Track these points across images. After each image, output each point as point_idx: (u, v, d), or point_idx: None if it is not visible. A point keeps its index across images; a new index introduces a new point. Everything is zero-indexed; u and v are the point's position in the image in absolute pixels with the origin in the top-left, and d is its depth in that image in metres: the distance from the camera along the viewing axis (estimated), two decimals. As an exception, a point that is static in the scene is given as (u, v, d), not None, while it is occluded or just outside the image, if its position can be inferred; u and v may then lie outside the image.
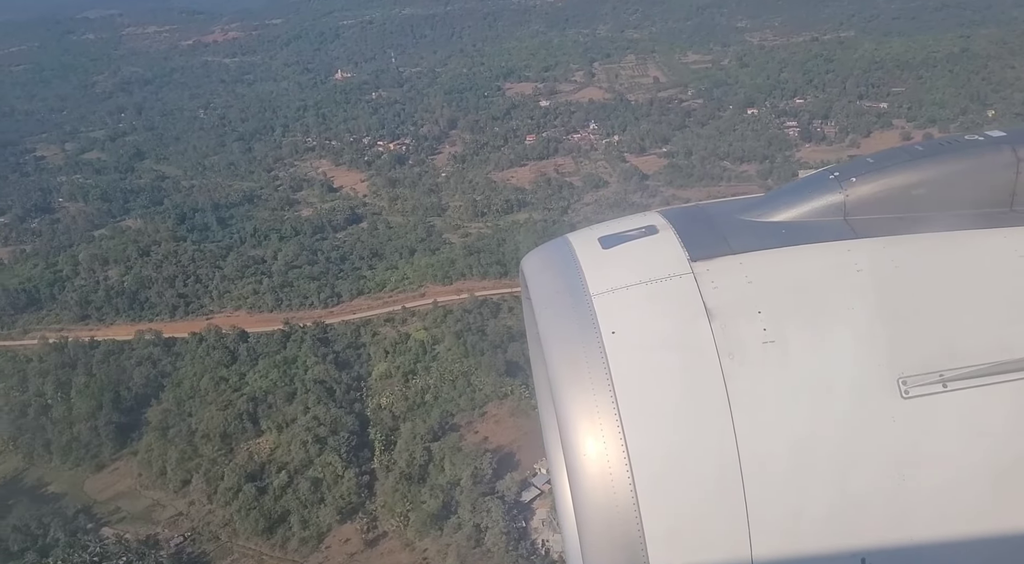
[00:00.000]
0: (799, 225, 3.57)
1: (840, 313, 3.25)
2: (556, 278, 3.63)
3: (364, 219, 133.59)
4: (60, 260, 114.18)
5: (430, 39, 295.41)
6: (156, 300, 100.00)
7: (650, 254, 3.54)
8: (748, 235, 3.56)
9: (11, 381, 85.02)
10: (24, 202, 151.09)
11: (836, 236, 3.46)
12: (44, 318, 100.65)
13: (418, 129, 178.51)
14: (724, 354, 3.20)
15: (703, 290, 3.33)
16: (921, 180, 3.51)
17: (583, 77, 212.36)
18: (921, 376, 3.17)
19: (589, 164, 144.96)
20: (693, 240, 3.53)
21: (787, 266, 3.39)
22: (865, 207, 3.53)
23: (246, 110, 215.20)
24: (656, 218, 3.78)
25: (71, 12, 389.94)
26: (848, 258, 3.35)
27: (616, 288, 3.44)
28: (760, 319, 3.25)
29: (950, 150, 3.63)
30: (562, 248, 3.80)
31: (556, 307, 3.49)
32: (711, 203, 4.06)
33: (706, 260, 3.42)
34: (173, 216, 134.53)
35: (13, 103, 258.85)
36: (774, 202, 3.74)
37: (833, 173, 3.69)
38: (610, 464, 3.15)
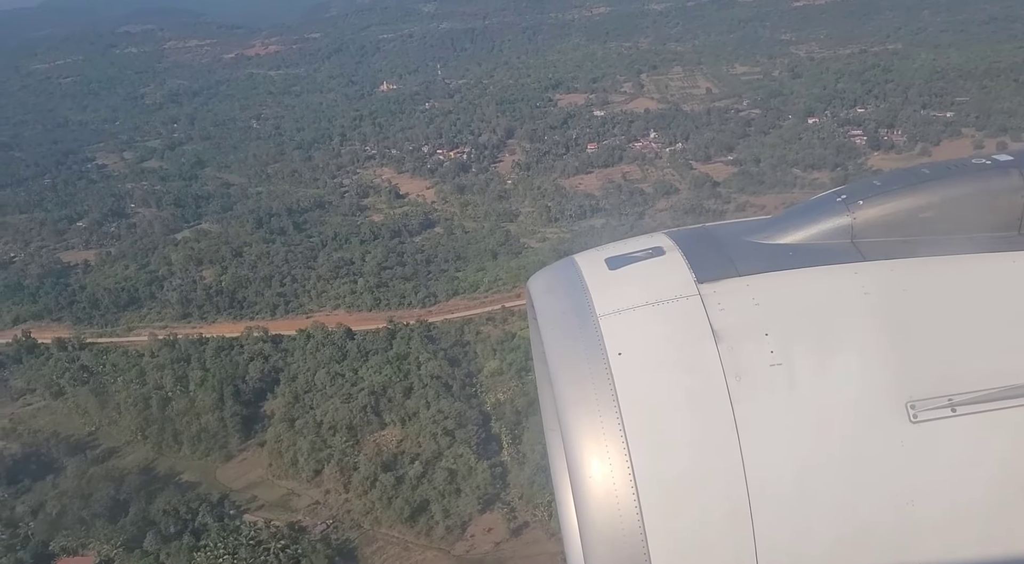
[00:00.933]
0: (806, 247, 3.60)
1: (848, 336, 3.26)
2: (562, 299, 3.64)
3: (437, 224, 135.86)
4: (152, 261, 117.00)
5: (470, 52, 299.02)
6: (255, 299, 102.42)
7: (657, 275, 3.55)
8: (755, 257, 3.58)
9: (129, 375, 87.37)
10: (99, 208, 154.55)
11: (843, 259, 3.48)
12: (146, 316, 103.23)
13: (476, 138, 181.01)
14: (731, 376, 3.22)
15: (710, 312, 3.35)
16: (929, 203, 3.54)
17: (632, 88, 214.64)
18: (930, 400, 3.17)
19: (655, 171, 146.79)
20: (700, 262, 3.56)
21: (794, 288, 3.41)
22: (872, 230, 3.56)
23: (301, 120, 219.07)
24: (663, 239, 3.80)
25: (108, 27, 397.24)
26: (855, 281, 3.37)
27: (623, 309, 3.44)
28: (767, 341, 3.26)
29: (957, 173, 3.65)
30: (569, 269, 3.81)
31: (562, 328, 3.51)
32: (718, 225, 4.11)
33: (713, 282, 3.45)
34: (251, 220, 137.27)
35: (67, 114, 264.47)
36: (781, 224, 3.77)
37: (840, 196, 3.71)
38: (616, 487, 3.14)
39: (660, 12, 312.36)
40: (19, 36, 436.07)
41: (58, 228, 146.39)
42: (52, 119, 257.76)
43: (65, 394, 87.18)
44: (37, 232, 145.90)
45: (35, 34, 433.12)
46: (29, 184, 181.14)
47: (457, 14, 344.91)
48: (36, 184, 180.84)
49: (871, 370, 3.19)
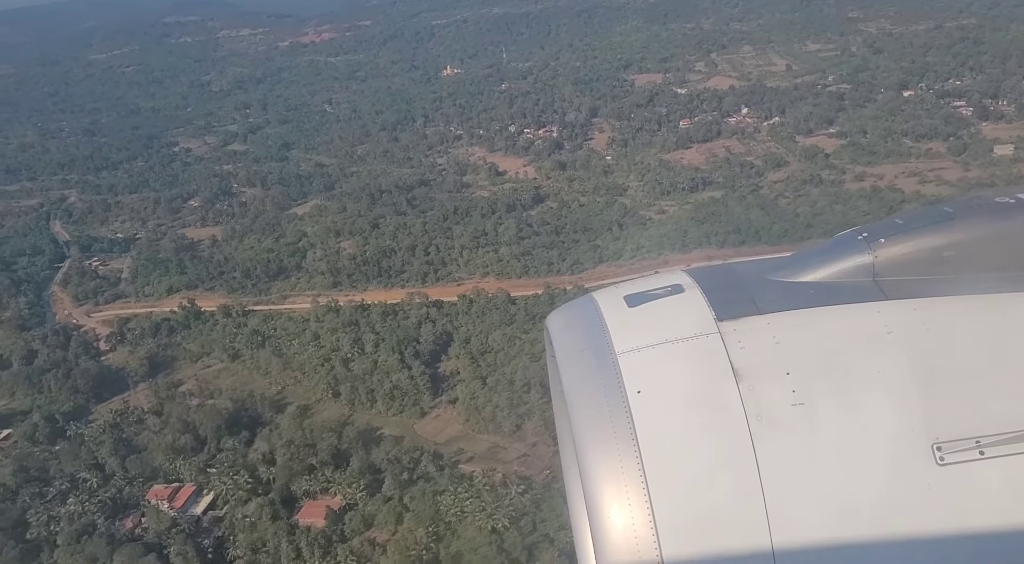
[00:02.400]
0: (827, 286, 3.56)
1: (871, 376, 3.22)
2: (581, 336, 3.61)
3: (547, 199, 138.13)
4: (287, 233, 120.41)
5: (527, 36, 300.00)
6: (402, 267, 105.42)
7: (676, 313, 3.52)
8: (776, 295, 3.55)
9: (303, 338, 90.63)
10: (208, 188, 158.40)
11: (865, 297, 3.44)
12: (296, 285, 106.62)
13: (562, 117, 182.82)
14: (752, 416, 3.17)
15: (730, 350, 3.31)
16: (952, 242, 3.49)
17: (705, 67, 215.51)
18: (956, 442, 3.10)
19: (757, 145, 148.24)
20: (720, 300, 3.53)
21: (816, 327, 3.37)
22: (895, 268, 3.51)
23: (378, 103, 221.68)
24: (682, 277, 3.78)
25: (152, 18, 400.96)
26: (878, 320, 3.33)
27: (642, 347, 3.41)
28: (789, 381, 3.22)
29: (980, 212, 3.64)
30: (587, 306, 3.79)
31: (581, 366, 3.48)
32: (738, 262, 4.08)
33: (733, 320, 3.42)
34: (364, 197, 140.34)
35: (137, 101, 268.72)
36: (802, 262, 3.74)
37: (862, 234, 3.68)
38: (636, 531, 3.09)
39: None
40: (65, 29, 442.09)
41: (172, 207, 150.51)
42: (124, 106, 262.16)
43: (241, 356, 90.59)
44: (152, 211, 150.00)
45: (80, 26, 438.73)
46: (124, 167, 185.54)
47: (506, 0, 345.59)
48: (130, 167, 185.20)
49: (896, 411, 3.16)
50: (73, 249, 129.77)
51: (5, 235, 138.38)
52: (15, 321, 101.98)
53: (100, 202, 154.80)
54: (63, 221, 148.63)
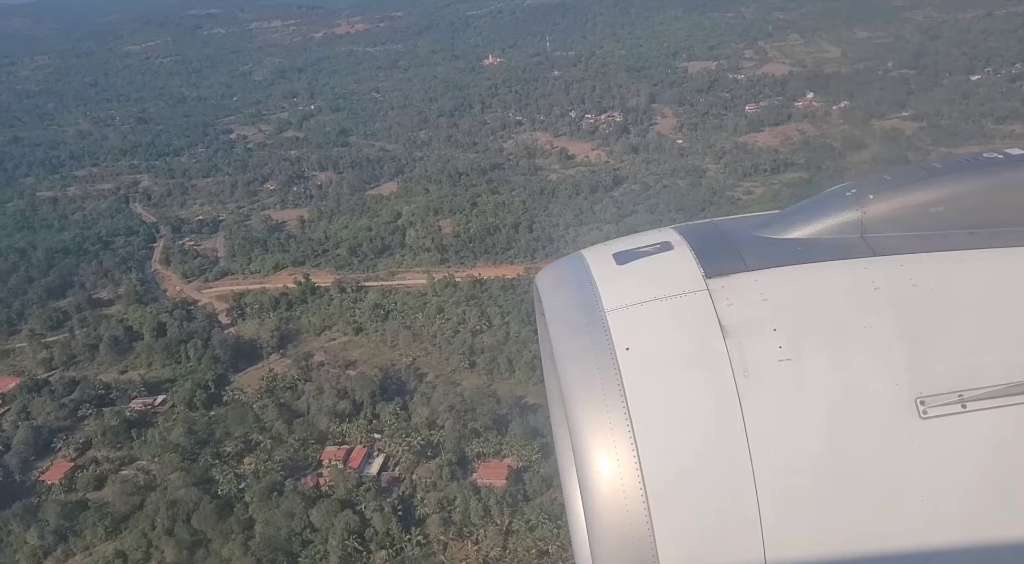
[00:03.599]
0: (815, 242, 3.60)
1: (857, 331, 3.26)
2: (570, 294, 3.63)
3: (625, 180, 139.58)
4: (382, 213, 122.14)
5: (563, 26, 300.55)
6: (507, 244, 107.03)
7: (665, 270, 3.55)
8: (763, 252, 3.58)
9: (428, 311, 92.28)
10: (279, 172, 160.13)
11: (853, 254, 3.48)
12: (402, 261, 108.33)
13: (623, 103, 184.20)
14: (739, 372, 3.22)
15: (718, 307, 3.35)
16: (939, 198, 3.53)
17: (755, 55, 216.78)
18: (940, 396, 3.16)
19: (830, 128, 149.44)
20: (708, 257, 3.55)
21: (803, 283, 3.41)
22: (883, 225, 3.55)
23: (430, 91, 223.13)
24: (671, 234, 3.80)
25: (176, 11, 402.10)
26: (865, 276, 3.37)
27: (630, 304, 3.43)
28: (776, 337, 3.27)
29: (969, 168, 3.65)
30: (576, 264, 3.81)
31: (570, 323, 3.50)
32: (726, 219, 4.09)
33: (721, 277, 3.45)
34: (443, 180, 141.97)
35: (181, 91, 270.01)
36: (790, 219, 3.78)
37: (850, 190, 3.71)
38: (623, 483, 3.14)
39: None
40: (85, 22, 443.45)
41: (249, 190, 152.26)
42: (169, 95, 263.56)
43: (365, 330, 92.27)
44: (229, 194, 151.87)
45: (100, 20, 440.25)
46: (187, 153, 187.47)
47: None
48: (193, 153, 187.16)
49: (881, 366, 3.21)
50: (165, 229, 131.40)
51: (92, 217, 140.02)
52: (132, 296, 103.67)
53: (177, 186, 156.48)
54: (143, 204, 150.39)
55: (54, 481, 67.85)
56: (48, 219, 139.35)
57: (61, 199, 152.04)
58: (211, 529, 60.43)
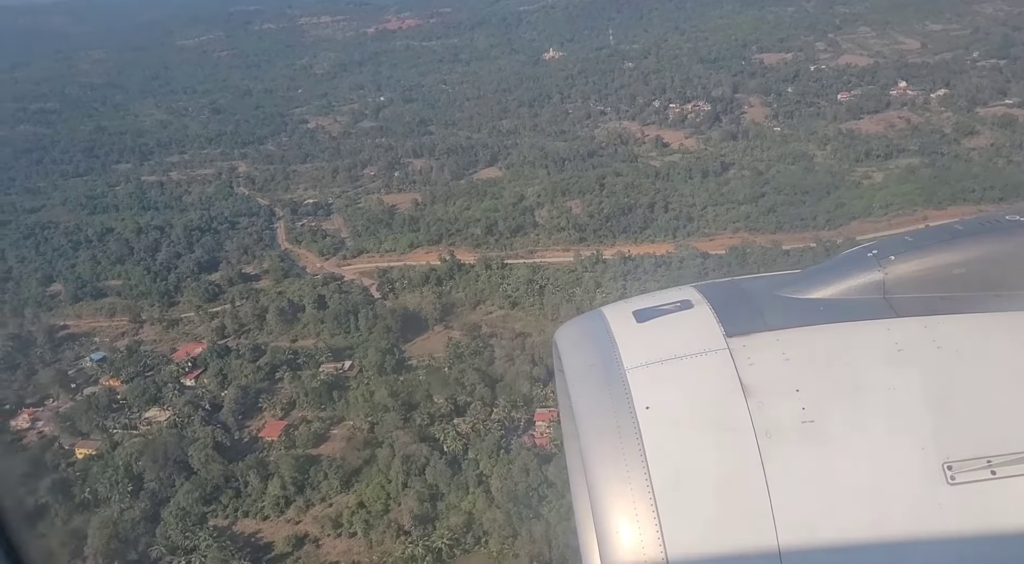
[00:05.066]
0: (837, 302, 3.56)
1: (881, 394, 3.19)
2: (590, 351, 3.62)
3: (732, 166, 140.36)
4: (504, 195, 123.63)
5: (618, 21, 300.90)
6: (644, 223, 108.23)
7: (685, 329, 3.53)
8: (785, 311, 3.55)
9: (586, 285, 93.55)
10: (376, 158, 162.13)
11: (876, 315, 3.44)
12: (537, 241, 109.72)
13: (707, 93, 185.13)
14: (761, 433, 3.14)
15: (739, 366, 3.31)
16: (961, 260, 3.50)
17: (827, 47, 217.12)
18: (968, 462, 3.05)
19: (933, 116, 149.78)
20: (729, 315, 3.53)
21: (826, 344, 3.36)
22: (905, 286, 3.52)
23: (503, 82, 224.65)
24: (691, 292, 3.78)
25: (214, 8, 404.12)
26: (889, 337, 3.32)
27: (651, 362, 3.41)
28: (798, 398, 3.20)
29: (991, 230, 3.65)
30: (596, 321, 3.80)
31: (590, 381, 3.49)
32: (746, 278, 4.08)
33: (742, 336, 3.42)
34: (546, 165, 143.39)
35: (246, 83, 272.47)
36: (811, 279, 3.76)
37: (871, 251, 3.69)
38: (644, 548, 3.06)
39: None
40: (130, 19, 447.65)
41: (351, 175, 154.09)
42: (235, 88, 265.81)
43: (520, 304, 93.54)
44: (331, 179, 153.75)
45: (145, 15, 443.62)
46: (271, 140, 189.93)
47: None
48: (277, 141, 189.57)
49: (906, 429, 3.12)
50: (283, 211, 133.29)
51: (204, 199, 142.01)
52: (277, 272, 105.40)
53: (279, 171, 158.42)
54: (248, 188, 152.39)
55: (273, 438, 69.44)
56: (163, 201, 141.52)
57: (167, 183, 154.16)
58: (444, 484, 61.76)
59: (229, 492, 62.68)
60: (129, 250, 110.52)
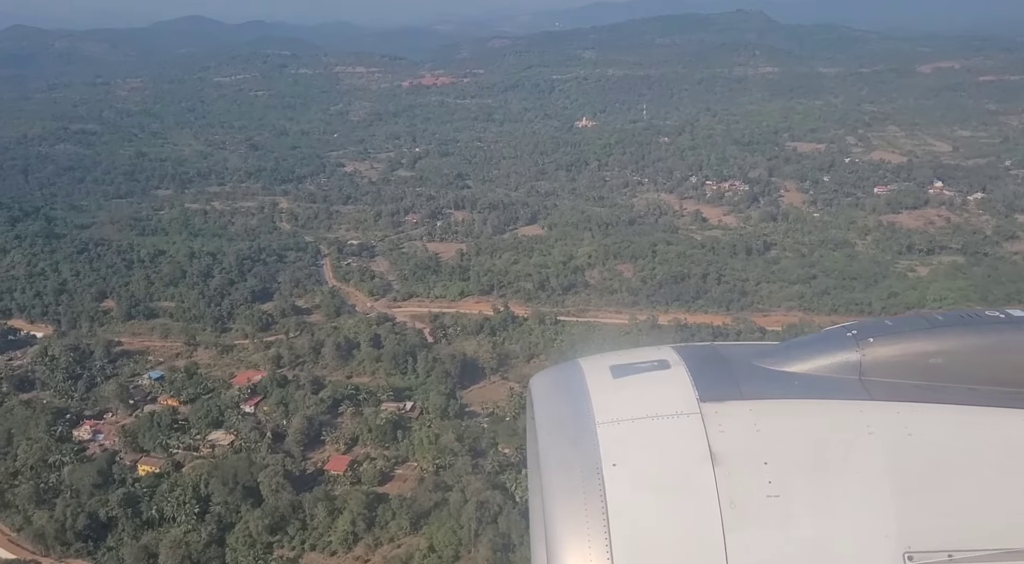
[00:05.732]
0: (813, 379, 3.59)
1: (849, 475, 3.17)
2: (563, 402, 3.63)
3: (773, 246, 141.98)
4: (553, 252, 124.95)
5: (649, 98, 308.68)
6: (695, 293, 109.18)
7: (660, 389, 3.52)
8: (761, 382, 3.57)
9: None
10: (419, 206, 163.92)
11: (850, 395, 3.45)
12: (589, 300, 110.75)
13: (744, 173, 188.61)
14: (726, 503, 3.11)
15: (710, 433, 3.28)
16: (939, 350, 3.53)
17: (857, 141, 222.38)
18: (929, 553, 3.03)
19: (972, 216, 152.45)
20: (704, 380, 3.53)
21: (798, 419, 3.36)
22: (881, 369, 3.54)
23: (540, 145, 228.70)
24: (670, 353, 3.79)
25: (246, 49, 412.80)
26: (861, 419, 3.32)
27: (622, 419, 3.39)
28: (766, 471, 3.17)
29: (970, 323, 3.67)
30: (573, 372, 3.81)
31: (560, 432, 3.47)
32: (725, 345, 4.11)
33: (716, 402, 3.41)
34: (591, 227, 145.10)
35: (283, 124, 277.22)
36: (789, 352, 3.78)
37: (851, 331, 3.72)
38: None
39: (834, 75, 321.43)
40: (165, 51, 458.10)
41: (393, 220, 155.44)
42: (272, 127, 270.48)
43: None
44: (373, 222, 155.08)
45: (180, 50, 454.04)
46: (310, 180, 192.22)
47: (619, 62, 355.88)
48: (316, 181, 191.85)
49: (871, 514, 3.12)
50: (331, 249, 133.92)
51: (248, 230, 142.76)
52: (329, 308, 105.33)
53: (322, 210, 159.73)
54: (291, 224, 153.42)
55: (338, 471, 68.31)
56: (208, 228, 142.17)
57: (210, 212, 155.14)
58: (518, 535, 60.47)
59: (296, 523, 61.37)
60: (182, 273, 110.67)
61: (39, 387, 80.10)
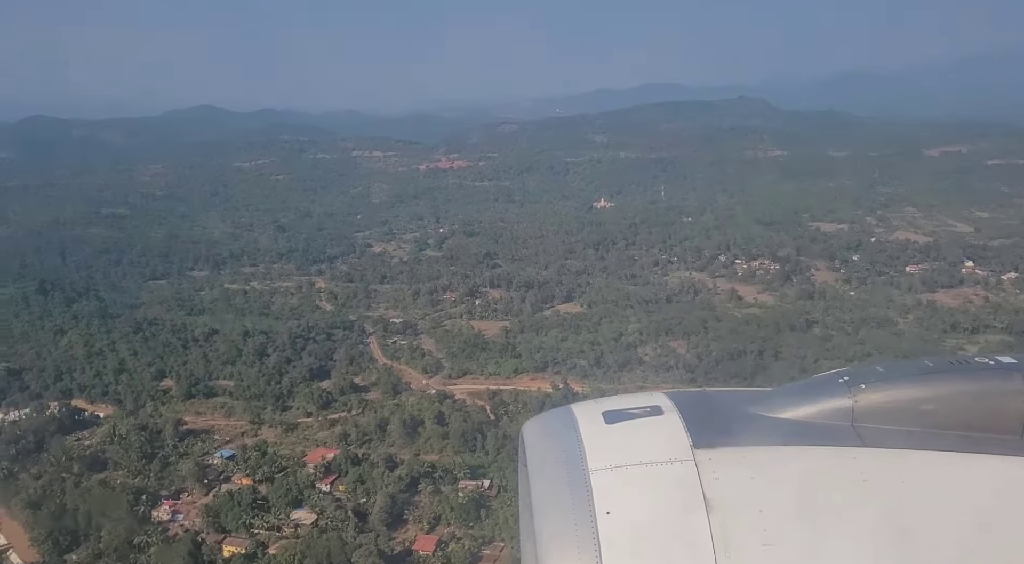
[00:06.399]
0: (806, 425, 3.62)
1: (843, 523, 3.17)
2: (556, 448, 3.64)
3: (815, 324, 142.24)
4: (601, 329, 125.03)
5: (663, 179, 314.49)
6: (754, 369, 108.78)
7: (653, 435, 3.54)
8: (754, 428, 3.60)
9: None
10: (457, 286, 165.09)
11: (843, 441, 3.48)
12: (645, 376, 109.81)
13: (773, 252, 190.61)
14: (720, 551, 3.09)
15: (704, 480, 3.29)
16: (931, 396, 3.58)
17: (877, 222, 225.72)
18: None
19: (1010, 296, 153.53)
20: (698, 426, 3.56)
21: (793, 466, 3.37)
22: (873, 415, 3.58)
23: (564, 225, 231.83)
24: (662, 399, 3.84)
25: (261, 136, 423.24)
26: (855, 466, 3.35)
27: (616, 466, 3.39)
28: (761, 518, 3.18)
29: (960, 370, 3.73)
30: (565, 418, 3.84)
31: (553, 479, 3.46)
32: (718, 391, 4.16)
33: (709, 449, 3.43)
34: (631, 305, 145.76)
35: (306, 206, 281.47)
36: (782, 398, 3.84)
37: (843, 377, 3.78)
38: None
39: (843, 158, 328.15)
40: (178, 140, 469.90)
41: (432, 298, 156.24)
42: (295, 209, 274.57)
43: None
44: (412, 300, 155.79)
45: (194, 138, 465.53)
46: (341, 260, 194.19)
47: (629, 145, 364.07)
48: (347, 261, 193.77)
49: (867, 562, 3.12)
50: (376, 328, 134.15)
51: (293, 309, 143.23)
52: (387, 385, 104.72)
53: (361, 289, 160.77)
54: (330, 303, 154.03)
55: (427, 552, 66.55)
56: (251, 308, 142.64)
57: (250, 292, 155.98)
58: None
59: (393, 607, 59.49)
60: (237, 352, 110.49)
61: (111, 467, 78.80)
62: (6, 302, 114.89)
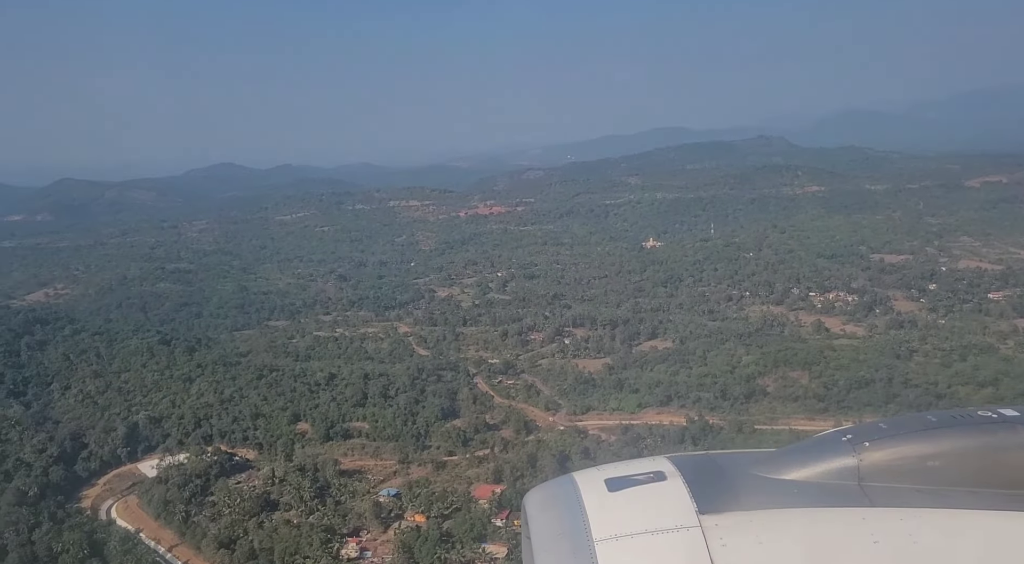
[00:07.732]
0: (812, 486, 3.58)
1: None
2: (559, 519, 3.61)
3: (915, 354, 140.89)
4: (715, 363, 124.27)
5: (703, 219, 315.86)
6: (885, 397, 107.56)
7: (658, 502, 3.50)
8: (759, 491, 3.57)
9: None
10: (541, 326, 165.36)
11: (851, 502, 3.46)
12: (773, 408, 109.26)
13: (847, 284, 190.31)
14: None
15: (711, 546, 3.25)
16: (936, 452, 3.55)
17: (937, 251, 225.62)
18: None
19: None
20: (702, 491, 3.54)
21: (801, 530, 3.31)
22: (879, 474, 3.56)
23: (625, 265, 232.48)
24: (665, 464, 3.81)
25: (301, 189, 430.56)
26: (864, 527, 3.29)
27: (620, 535, 3.35)
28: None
29: (964, 425, 3.70)
30: (567, 487, 3.82)
31: (557, 551, 3.42)
32: (720, 454, 4.12)
33: (715, 514, 3.40)
34: (729, 340, 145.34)
35: (356, 255, 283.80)
36: (786, 459, 3.81)
37: (846, 435, 3.79)
38: None
39: (883, 192, 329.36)
40: (208, 197, 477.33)
41: (521, 340, 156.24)
42: (347, 259, 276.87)
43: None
44: (500, 342, 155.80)
45: (223, 195, 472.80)
46: (415, 305, 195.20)
47: (665, 186, 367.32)
48: (416, 306, 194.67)
49: None
50: (480, 369, 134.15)
51: (389, 353, 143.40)
52: (517, 423, 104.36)
53: (448, 332, 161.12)
54: (421, 346, 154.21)
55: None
56: (348, 353, 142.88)
57: (340, 338, 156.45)
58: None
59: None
60: (363, 395, 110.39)
61: (282, 508, 78.15)
62: (133, 352, 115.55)
